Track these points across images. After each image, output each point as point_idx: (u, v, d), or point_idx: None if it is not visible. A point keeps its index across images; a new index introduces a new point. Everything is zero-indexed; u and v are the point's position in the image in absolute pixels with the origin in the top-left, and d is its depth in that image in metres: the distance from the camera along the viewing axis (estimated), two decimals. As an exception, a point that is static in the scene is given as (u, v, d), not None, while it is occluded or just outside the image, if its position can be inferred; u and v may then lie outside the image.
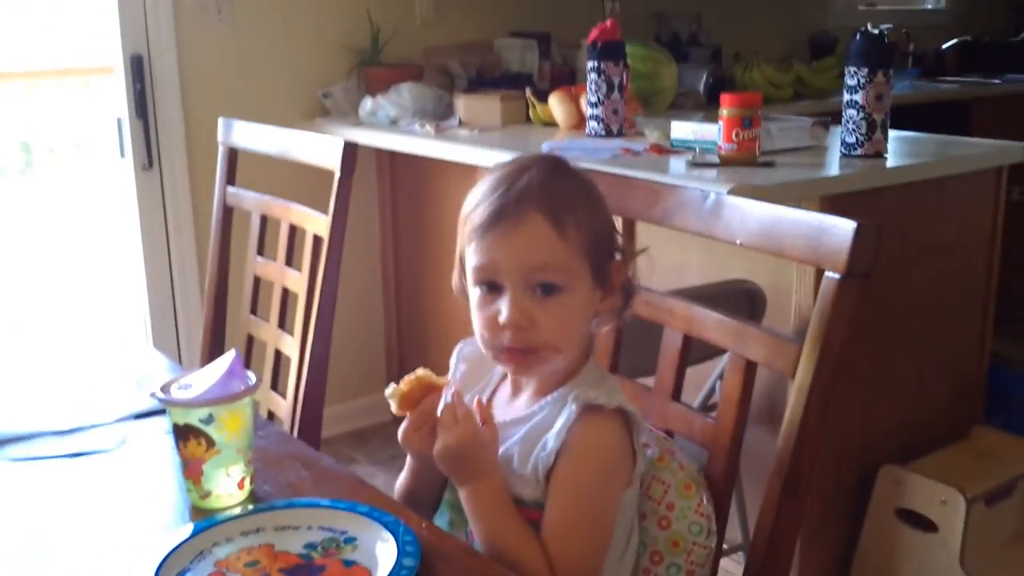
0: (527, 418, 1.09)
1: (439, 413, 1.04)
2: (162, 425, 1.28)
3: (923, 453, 2.16)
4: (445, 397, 1.05)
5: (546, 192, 1.04)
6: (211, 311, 1.96)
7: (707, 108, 2.99)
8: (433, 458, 1.04)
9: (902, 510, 2.10)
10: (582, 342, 1.10)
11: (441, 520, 1.14)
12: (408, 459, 1.15)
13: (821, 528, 2.16)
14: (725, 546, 1.21)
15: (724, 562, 1.20)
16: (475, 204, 1.06)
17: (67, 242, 2.98)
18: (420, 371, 1.07)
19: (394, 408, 1.07)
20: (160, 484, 1.16)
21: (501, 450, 1.07)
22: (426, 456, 1.06)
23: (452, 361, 1.21)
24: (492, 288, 1.05)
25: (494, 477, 1.04)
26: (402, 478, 1.17)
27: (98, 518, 1.09)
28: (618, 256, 1.11)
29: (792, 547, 1.12)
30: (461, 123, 2.84)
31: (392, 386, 1.07)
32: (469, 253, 1.06)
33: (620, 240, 1.12)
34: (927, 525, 2.05)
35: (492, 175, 1.08)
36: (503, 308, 1.03)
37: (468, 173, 2.47)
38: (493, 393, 1.17)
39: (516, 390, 1.14)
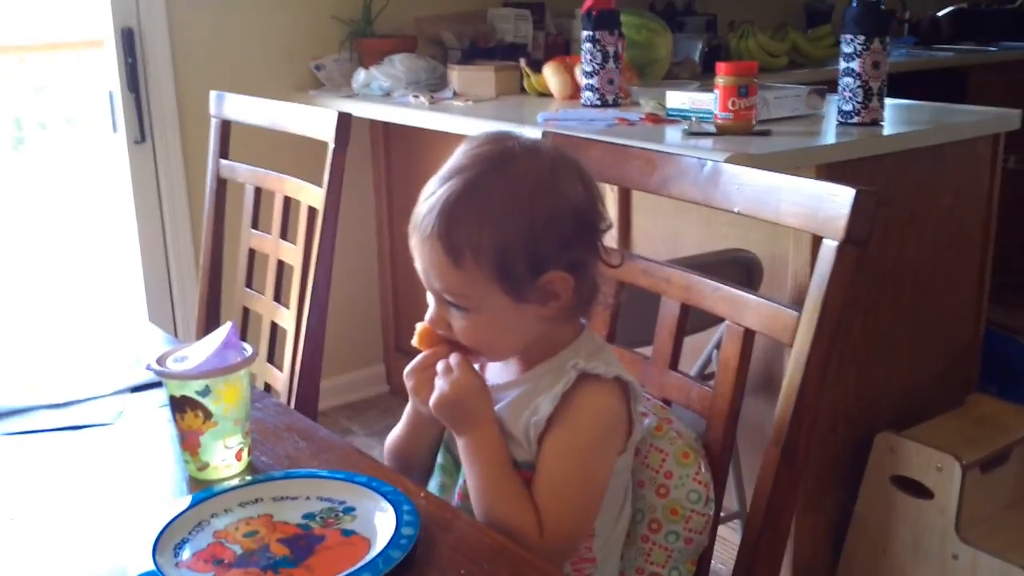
0: (519, 382, 1.09)
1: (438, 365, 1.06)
2: (159, 398, 1.28)
3: (919, 420, 2.17)
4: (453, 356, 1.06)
5: (449, 215, 0.99)
6: (206, 285, 1.95)
7: (702, 78, 2.97)
8: (428, 408, 1.05)
9: (898, 477, 2.10)
10: (523, 339, 1.07)
11: (433, 484, 1.15)
12: (406, 410, 1.15)
13: (817, 495, 2.17)
14: (722, 514, 1.21)
15: (720, 529, 1.21)
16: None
17: (61, 218, 2.96)
18: None
19: (415, 339, 1.08)
20: (158, 456, 1.16)
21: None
22: (424, 408, 1.07)
23: None
24: None
25: (491, 427, 1.05)
26: (396, 433, 1.16)
27: (96, 491, 1.09)
28: (566, 263, 1.02)
29: (791, 513, 1.12)
30: (455, 94, 2.83)
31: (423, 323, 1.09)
32: None
33: (575, 246, 1.03)
34: (923, 492, 2.06)
35: (442, 168, 1.04)
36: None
37: (463, 144, 2.45)
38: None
39: None
